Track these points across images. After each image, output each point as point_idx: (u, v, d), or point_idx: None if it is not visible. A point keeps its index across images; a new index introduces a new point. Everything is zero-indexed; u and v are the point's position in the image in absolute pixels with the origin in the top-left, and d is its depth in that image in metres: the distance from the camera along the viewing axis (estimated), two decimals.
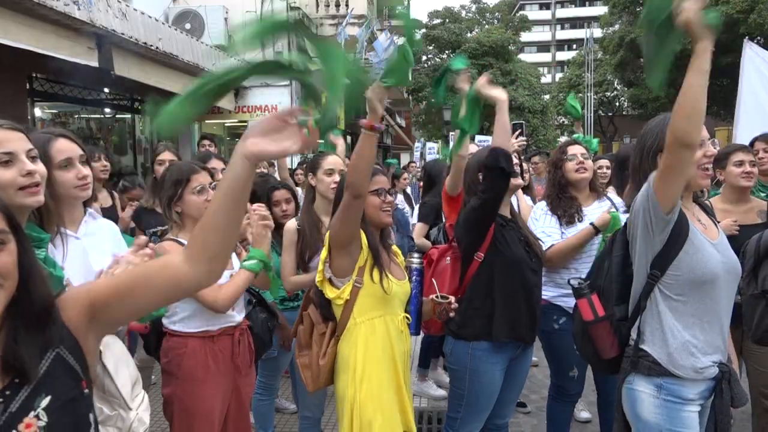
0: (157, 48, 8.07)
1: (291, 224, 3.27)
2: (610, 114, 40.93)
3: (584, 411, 4.36)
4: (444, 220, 4.91)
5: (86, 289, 1.24)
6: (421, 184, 5.60)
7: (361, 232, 2.48)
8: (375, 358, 2.45)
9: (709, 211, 2.27)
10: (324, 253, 2.50)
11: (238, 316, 2.69)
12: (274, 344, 3.29)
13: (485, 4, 44.33)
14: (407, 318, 2.62)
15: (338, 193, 2.57)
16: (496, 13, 47.50)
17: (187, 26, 11.46)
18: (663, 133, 2.07)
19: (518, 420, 4.45)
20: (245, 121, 13.12)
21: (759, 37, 21.72)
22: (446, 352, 3.08)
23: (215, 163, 3.49)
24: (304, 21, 1.25)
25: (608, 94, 39.70)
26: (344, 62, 1.33)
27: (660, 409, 2.07)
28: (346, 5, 14.56)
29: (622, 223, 2.41)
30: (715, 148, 2.40)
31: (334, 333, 2.54)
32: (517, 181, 2.98)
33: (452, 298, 2.78)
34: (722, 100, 23.41)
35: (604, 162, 5.01)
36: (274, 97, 12.98)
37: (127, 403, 1.77)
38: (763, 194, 3.71)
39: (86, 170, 2.10)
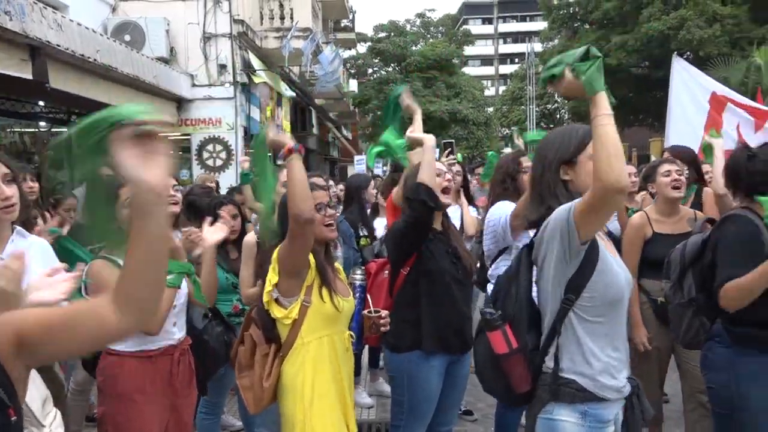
0: (95, 60, 7.86)
1: (250, 238, 3.23)
2: (551, 126, 42.09)
3: None
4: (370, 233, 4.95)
5: (15, 319, 1.18)
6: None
7: None
8: (323, 379, 2.43)
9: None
10: (271, 273, 2.43)
11: (178, 333, 2.63)
12: None
13: (429, 19, 44.90)
14: (351, 336, 2.61)
15: (280, 216, 2.53)
16: (441, 27, 48.18)
17: (127, 38, 11.18)
18: (564, 145, 2.07)
19: (465, 428, 4.50)
20: (189, 134, 12.85)
21: (688, 53, 22.74)
22: (384, 361, 3.10)
23: None
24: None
25: (549, 106, 40.84)
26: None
27: None
28: (291, 18, 14.50)
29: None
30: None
31: (278, 353, 2.49)
32: (445, 200, 2.98)
33: (384, 313, 2.80)
34: (656, 112, 24.36)
35: None
36: (218, 110, 12.80)
37: (38, 420, 1.71)
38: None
39: (9, 190, 1.99)
